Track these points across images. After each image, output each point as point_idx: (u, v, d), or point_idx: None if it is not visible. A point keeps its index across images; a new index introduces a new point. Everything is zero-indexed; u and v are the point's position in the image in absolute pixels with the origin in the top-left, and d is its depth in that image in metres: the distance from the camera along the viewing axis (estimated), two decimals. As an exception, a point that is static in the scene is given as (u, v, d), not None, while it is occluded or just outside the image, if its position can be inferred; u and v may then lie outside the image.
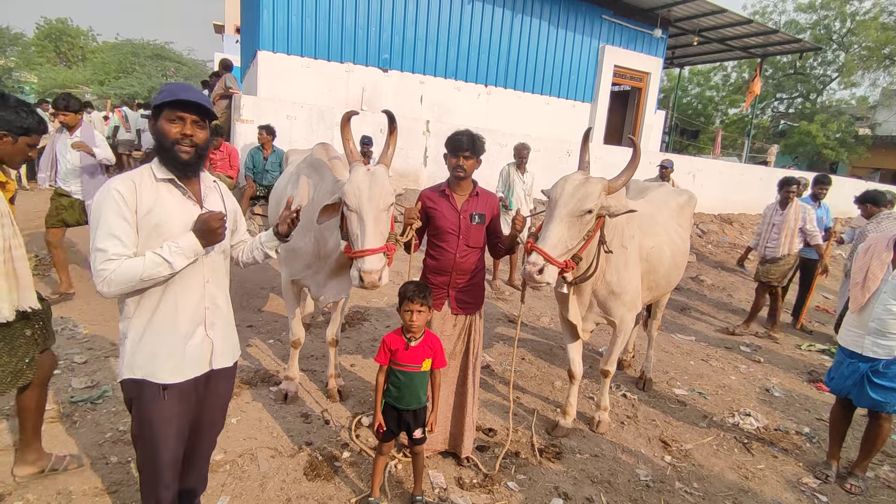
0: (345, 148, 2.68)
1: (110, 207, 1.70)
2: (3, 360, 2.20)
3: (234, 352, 2.09)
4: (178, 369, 1.84)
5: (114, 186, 1.72)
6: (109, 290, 1.69)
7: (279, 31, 8.68)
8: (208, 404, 2.01)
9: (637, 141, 2.81)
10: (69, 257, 5.93)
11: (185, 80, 25.95)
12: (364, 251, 2.39)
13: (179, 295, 1.83)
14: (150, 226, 1.75)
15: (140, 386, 1.82)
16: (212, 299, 1.93)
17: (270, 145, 6.96)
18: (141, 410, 1.84)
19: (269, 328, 4.68)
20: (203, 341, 1.90)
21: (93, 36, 36.95)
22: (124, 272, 1.67)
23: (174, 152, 1.77)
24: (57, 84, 27.39)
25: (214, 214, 1.80)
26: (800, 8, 25.59)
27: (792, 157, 26.30)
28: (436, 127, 9.07)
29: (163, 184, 1.81)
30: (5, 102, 2.17)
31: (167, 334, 1.82)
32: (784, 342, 5.94)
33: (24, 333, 2.29)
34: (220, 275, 1.99)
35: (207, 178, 1.99)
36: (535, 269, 2.52)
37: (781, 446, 3.64)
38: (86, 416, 3.07)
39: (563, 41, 11.29)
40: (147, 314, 1.81)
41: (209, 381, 1.97)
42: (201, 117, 1.81)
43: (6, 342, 2.21)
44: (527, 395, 4.00)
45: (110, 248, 1.68)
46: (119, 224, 1.70)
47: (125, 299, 1.80)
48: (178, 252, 1.73)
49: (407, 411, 2.45)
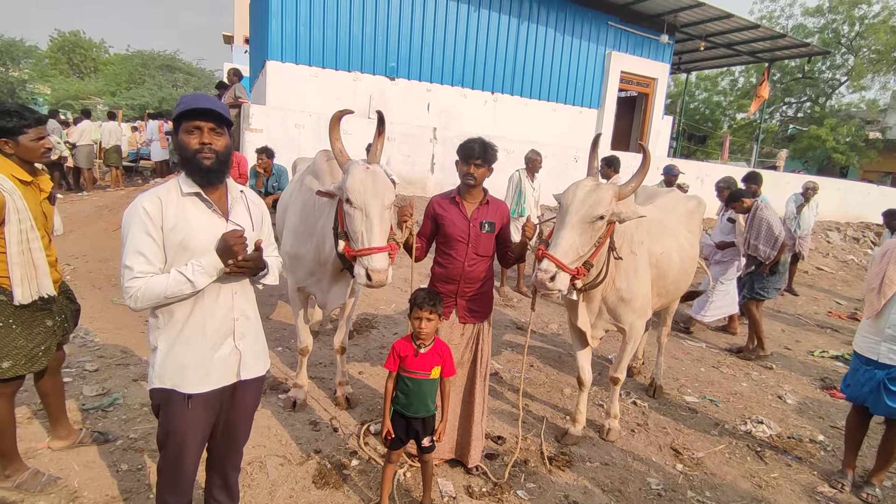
0: (333, 148, 2.64)
1: (137, 225, 1.74)
2: (19, 343, 2.35)
3: (264, 362, 2.10)
4: (204, 379, 1.86)
5: (141, 204, 1.75)
6: (136, 305, 1.74)
7: (287, 41, 8.78)
8: (234, 413, 2.02)
9: (647, 147, 2.80)
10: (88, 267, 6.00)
11: (196, 90, 26.28)
12: (371, 249, 2.38)
13: (209, 307, 1.86)
14: (177, 241, 1.78)
15: (167, 395, 1.85)
16: (241, 311, 1.95)
17: (270, 168, 6.77)
18: (167, 419, 1.87)
19: (277, 336, 4.70)
20: (231, 352, 1.92)
21: (105, 48, 37.55)
22: (149, 290, 1.72)
23: (197, 161, 1.79)
24: (69, 95, 27.80)
25: (234, 233, 1.81)
26: (807, 12, 25.46)
27: (802, 161, 26.09)
28: (443, 134, 9.11)
29: (189, 198, 1.83)
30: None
31: (196, 345, 1.85)
32: (796, 348, 5.87)
33: (45, 323, 2.45)
34: (247, 286, 2.01)
35: (234, 189, 1.99)
36: (548, 276, 2.51)
37: (795, 454, 3.58)
38: (97, 424, 3.09)
39: (569, 47, 11.32)
40: (178, 326, 1.83)
41: (236, 391, 1.98)
42: (218, 124, 1.83)
43: (25, 327, 2.36)
44: (536, 403, 3.98)
45: (136, 265, 1.72)
46: (145, 241, 1.74)
47: (155, 311, 1.83)
48: (200, 271, 1.76)
49: (415, 419, 2.45)
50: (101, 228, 7.44)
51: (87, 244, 6.85)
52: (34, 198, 2.35)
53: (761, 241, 5.11)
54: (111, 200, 9.22)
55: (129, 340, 4.27)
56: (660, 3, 11.04)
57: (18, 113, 2.28)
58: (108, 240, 7.00)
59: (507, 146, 9.03)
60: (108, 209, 8.31)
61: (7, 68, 29.16)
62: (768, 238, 5.08)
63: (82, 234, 7.28)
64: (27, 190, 2.31)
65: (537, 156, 6.26)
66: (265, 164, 6.63)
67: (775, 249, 5.08)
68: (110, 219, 7.68)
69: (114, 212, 7.99)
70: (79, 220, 7.95)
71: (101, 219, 7.86)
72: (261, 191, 6.85)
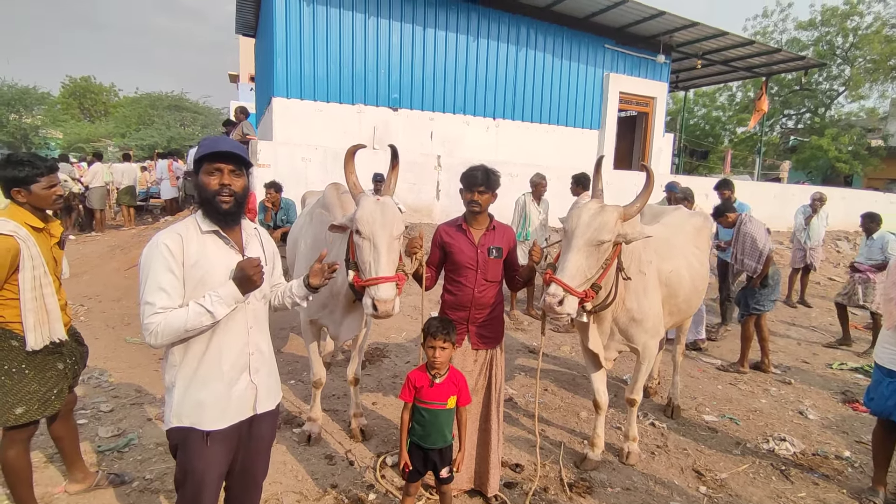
0: (347, 181, 2.73)
1: (158, 261, 1.77)
2: (32, 388, 2.37)
3: (277, 394, 2.12)
4: (222, 416, 1.87)
5: (162, 241, 1.79)
6: (157, 341, 1.75)
7: (292, 78, 9.01)
8: (252, 448, 2.02)
9: (650, 167, 2.83)
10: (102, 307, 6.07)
11: (204, 128, 26.87)
12: (378, 279, 2.41)
13: (224, 343, 1.88)
14: (197, 277, 1.81)
15: (186, 433, 1.86)
16: (256, 345, 1.97)
17: (278, 202, 6.87)
18: (186, 457, 1.87)
19: (290, 368, 4.70)
20: (248, 387, 1.94)
21: (114, 91, 38.60)
22: (170, 324, 1.73)
23: (216, 203, 1.85)
24: (81, 139, 28.48)
25: (251, 261, 1.85)
26: (800, 26, 25.79)
27: (805, 172, 26.07)
28: (447, 161, 9.23)
29: (208, 235, 1.88)
30: (7, 163, 2.34)
31: (213, 382, 1.86)
32: (814, 361, 5.77)
33: (56, 367, 2.47)
34: (261, 320, 2.04)
35: (248, 226, 2.05)
36: (556, 300, 2.50)
37: (822, 472, 3.49)
38: (112, 466, 3.08)
39: (567, 71, 11.53)
40: (194, 363, 1.85)
41: (252, 425, 1.99)
42: (237, 166, 1.89)
43: (37, 371, 2.39)
44: (552, 428, 3.92)
45: (157, 301, 1.74)
46: (166, 277, 1.77)
47: (171, 348, 1.85)
48: (218, 301, 1.78)
49: (433, 450, 2.42)
50: (113, 268, 7.54)
51: (100, 284, 6.94)
52: (46, 244, 2.42)
53: (746, 256, 5.10)
54: (123, 240, 9.36)
55: (143, 379, 4.28)
56: (655, 25, 11.27)
57: (30, 162, 2.35)
58: (121, 279, 7.09)
59: (511, 170, 9.13)
60: (121, 248, 8.43)
61: (21, 115, 30.02)
62: (752, 252, 5.07)
63: (95, 274, 7.37)
64: (39, 236, 2.37)
65: (542, 179, 6.32)
66: (274, 198, 6.74)
67: (761, 263, 5.04)
68: (122, 258, 7.79)
69: (126, 251, 8.11)
70: (92, 261, 8.07)
71: (114, 258, 7.97)
72: (270, 224, 6.95)
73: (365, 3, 9.38)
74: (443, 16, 10.05)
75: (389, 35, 9.66)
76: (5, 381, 2.32)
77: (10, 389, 2.32)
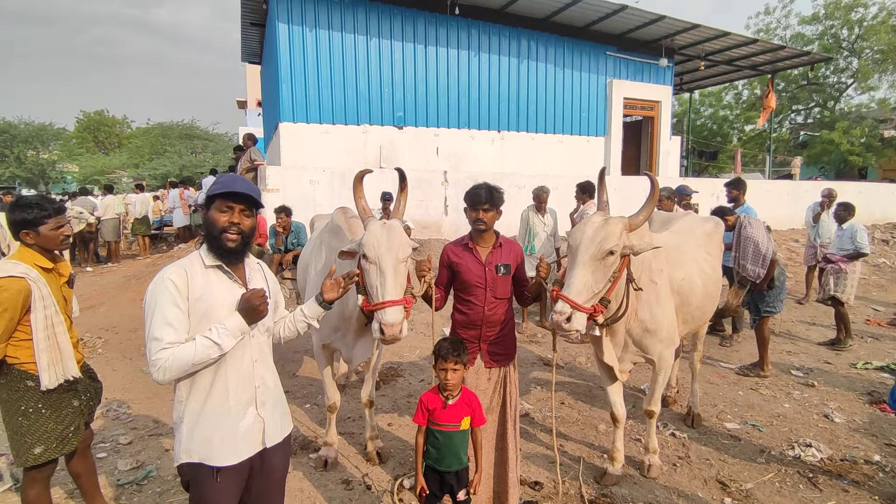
0: (357, 206, 2.77)
1: (164, 296, 1.79)
2: (50, 427, 2.40)
3: (287, 426, 2.12)
4: (232, 452, 1.88)
5: (167, 276, 1.81)
6: (164, 377, 1.75)
7: (298, 103, 9.16)
8: (265, 481, 2.02)
9: (654, 176, 2.81)
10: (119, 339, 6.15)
11: (213, 155, 27.35)
12: (385, 303, 2.42)
13: (230, 377, 1.89)
14: (201, 311, 1.83)
15: (196, 469, 1.86)
16: (261, 379, 1.98)
17: (289, 225, 7.01)
18: (198, 493, 1.88)
19: (304, 392, 4.70)
20: (255, 421, 1.94)
21: (127, 123, 39.58)
22: (178, 359, 1.74)
23: (221, 240, 1.88)
24: (96, 171, 29.18)
25: (256, 292, 1.88)
26: (804, 21, 25.64)
27: (818, 167, 25.71)
28: (453, 176, 9.27)
29: (212, 270, 1.91)
30: (16, 206, 2.41)
31: (220, 417, 1.87)
32: (836, 361, 5.64)
33: (72, 404, 2.51)
34: (266, 354, 2.05)
35: (252, 262, 2.09)
36: (563, 317, 2.48)
37: (851, 478, 3.39)
38: (132, 499, 3.10)
39: (570, 80, 11.56)
40: (201, 397, 1.86)
41: (264, 457, 1.99)
42: (248, 207, 1.93)
43: (53, 410, 2.42)
44: (570, 442, 3.87)
45: (165, 336, 1.76)
46: (173, 312, 1.78)
47: (177, 384, 1.86)
48: (225, 333, 1.80)
49: (449, 473, 2.40)
50: (129, 298, 7.65)
51: (116, 315, 7.05)
52: (55, 283, 2.46)
53: (749, 261, 5.00)
54: (138, 270, 9.51)
55: (161, 410, 4.32)
56: (655, 29, 11.28)
57: (39, 205, 2.41)
58: (137, 309, 7.18)
59: (518, 182, 9.15)
60: (136, 278, 8.57)
61: (38, 151, 30.82)
62: (756, 256, 4.96)
63: (112, 305, 7.49)
64: (49, 276, 2.42)
65: (543, 192, 6.27)
66: (284, 222, 6.84)
67: (764, 267, 4.95)
68: (138, 288, 7.91)
69: (141, 281, 8.23)
70: (108, 292, 8.20)
71: (129, 289, 8.09)
72: (281, 248, 7.03)
73: (366, 25, 9.54)
74: (444, 33, 10.17)
75: (392, 55, 9.80)
76: (23, 422, 2.35)
77: (28, 429, 2.36)
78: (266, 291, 1.94)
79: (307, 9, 9.10)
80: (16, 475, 3.25)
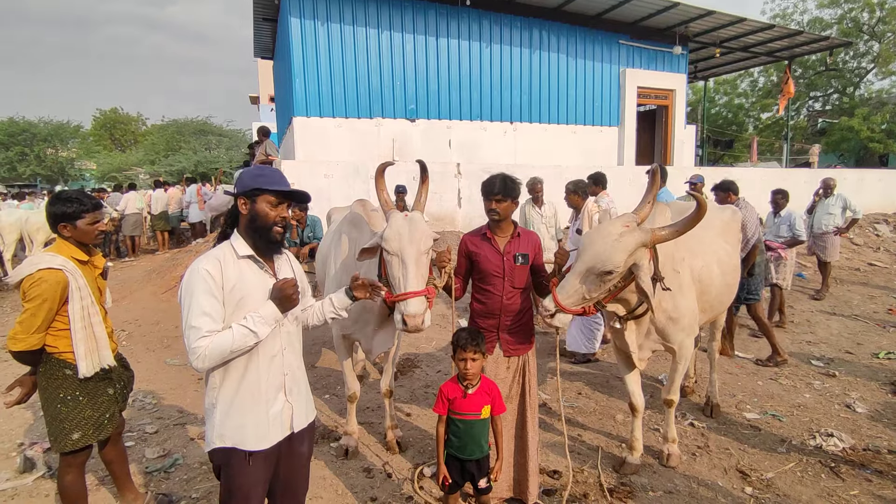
0: (379, 198, 2.80)
1: (200, 287, 1.84)
2: (86, 414, 2.50)
3: (312, 412, 2.19)
4: (263, 437, 1.94)
5: (202, 266, 1.86)
6: (204, 364, 1.81)
7: (311, 97, 9.21)
8: (292, 464, 2.09)
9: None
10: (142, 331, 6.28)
11: (228, 150, 27.59)
12: (407, 294, 2.45)
13: (262, 365, 1.94)
14: (235, 300, 1.89)
15: (228, 454, 1.92)
16: (290, 366, 2.04)
17: (304, 219, 7.00)
18: (230, 477, 1.94)
19: (323, 383, 4.77)
20: (284, 407, 2.01)
21: (142, 120, 40.06)
22: (216, 347, 1.80)
23: (271, 234, 1.96)
24: (113, 168, 29.61)
25: (288, 281, 1.94)
26: (822, 5, 25.02)
27: (837, 154, 25.19)
28: (466, 168, 9.26)
29: (244, 260, 1.96)
30: (56, 199, 2.50)
31: (253, 403, 1.93)
32: (858, 351, 5.57)
33: (107, 392, 2.61)
34: (294, 342, 2.11)
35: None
36: (547, 314, 2.53)
37: (874, 468, 3.36)
38: (160, 486, 3.19)
39: (583, 70, 11.45)
40: (234, 384, 1.91)
41: (290, 441, 2.06)
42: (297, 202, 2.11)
43: (90, 398, 2.52)
44: (588, 432, 3.88)
45: (203, 325, 1.81)
46: (209, 302, 1.84)
47: (211, 371, 1.92)
48: (261, 321, 1.86)
49: (470, 461, 2.44)
50: (150, 292, 7.79)
51: (138, 309, 7.18)
52: (91, 275, 2.55)
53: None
54: (158, 264, 9.66)
55: (185, 400, 4.41)
56: (669, 17, 11.11)
57: (78, 199, 2.50)
58: (159, 302, 7.32)
59: (531, 173, 9.03)
60: (156, 273, 8.71)
61: (57, 149, 31.32)
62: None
63: (134, 299, 7.63)
64: (84, 269, 2.51)
65: (536, 183, 6.13)
66: (299, 216, 6.88)
67: (744, 251, 4.89)
68: (158, 282, 8.05)
69: (161, 275, 8.37)
70: (130, 286, 8.36)
71: (150, 283, 8.24)
72: (297, 242, 7.09)
73: (378, 18, 9.54)
74: (455, 24, 10.13)
75: (403, 48, 9.79)
76: (61, 409, 2.44)
77: (67, 416, 2.45)
78: (296, 280, 1.99)
79: (319, 3, 9.12)
80: (49, 463, 3.36)
